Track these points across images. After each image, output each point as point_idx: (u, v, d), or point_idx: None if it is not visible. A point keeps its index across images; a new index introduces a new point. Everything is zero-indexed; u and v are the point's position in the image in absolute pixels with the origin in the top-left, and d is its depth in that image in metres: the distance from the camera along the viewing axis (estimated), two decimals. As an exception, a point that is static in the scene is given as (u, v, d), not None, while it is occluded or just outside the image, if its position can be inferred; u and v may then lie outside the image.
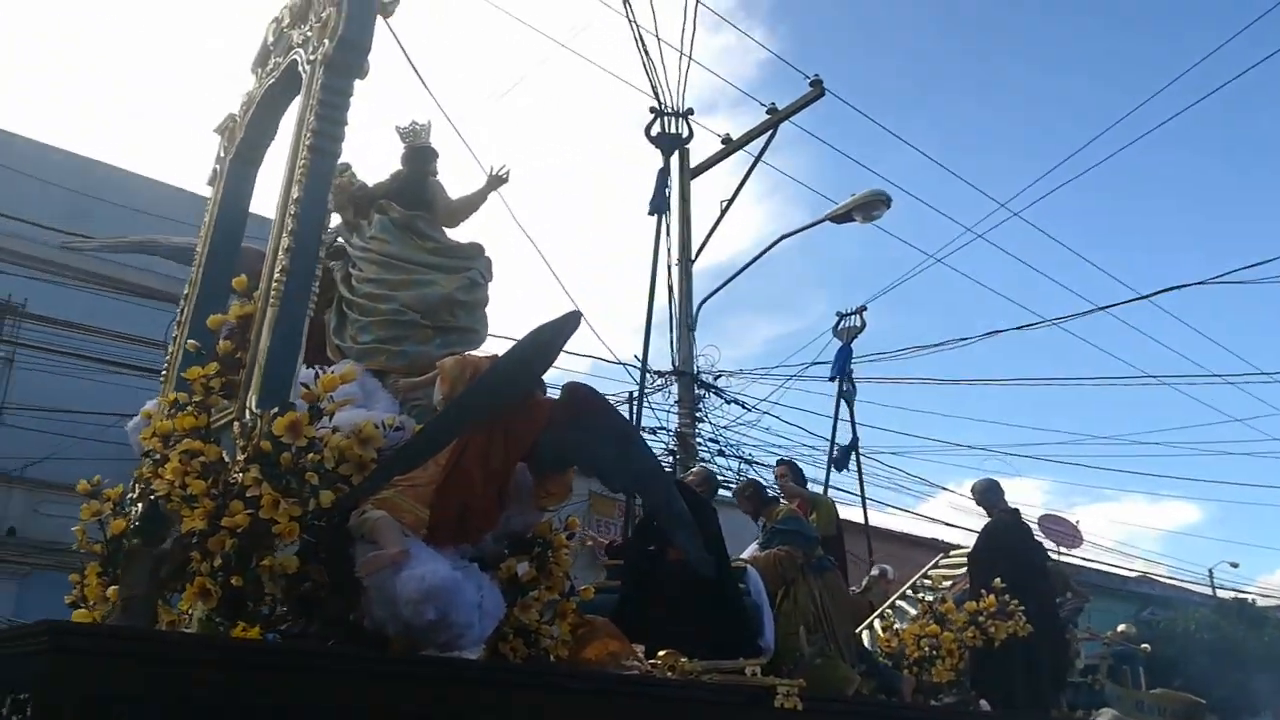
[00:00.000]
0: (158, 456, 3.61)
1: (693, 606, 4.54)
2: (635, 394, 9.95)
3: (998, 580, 6.23)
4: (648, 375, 10.29)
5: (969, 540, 9.72)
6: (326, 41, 4.06)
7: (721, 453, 10.91)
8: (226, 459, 3.49)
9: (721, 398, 11.02)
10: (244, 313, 3.83)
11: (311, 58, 4.15)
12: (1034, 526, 8.49)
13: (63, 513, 9.91)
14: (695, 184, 11.06)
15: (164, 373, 4.40)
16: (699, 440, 10.53)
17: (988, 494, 6.80)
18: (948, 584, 7.10)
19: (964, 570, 7.11)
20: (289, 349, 3.61)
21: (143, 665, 2.71)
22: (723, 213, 10.50)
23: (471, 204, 4.84)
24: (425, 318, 4.47)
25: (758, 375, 11.81)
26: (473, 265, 4.67)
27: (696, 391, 10.53)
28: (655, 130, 8.31)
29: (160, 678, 2.73)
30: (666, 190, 8.14)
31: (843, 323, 9.18)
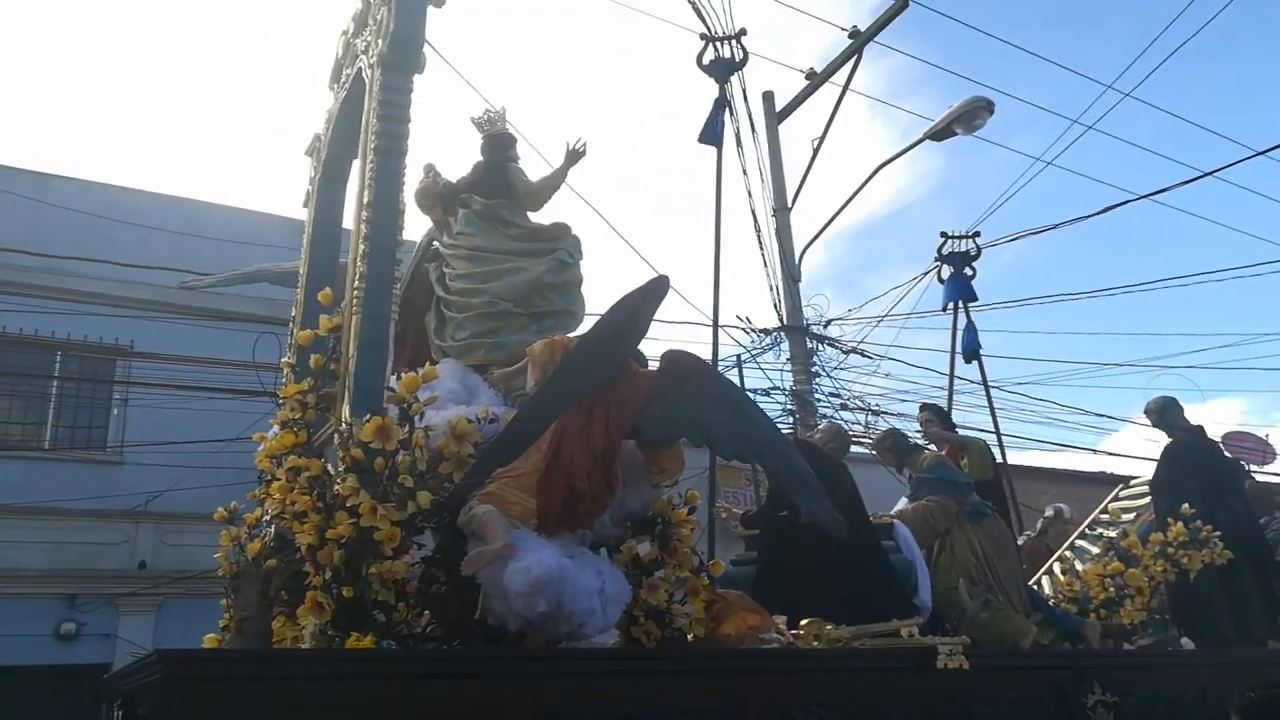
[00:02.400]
0: (269, 478, 3.68)
1: (835, 570, 4.27)
2: (741, 356, 9.55)
3: (1185, 506, 5.64)
4: (754, 335, 9.89)
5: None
6: (380, 41, 4.03)
7: (845, 406, 10.25)
8: (331, 471, 3.50)
9: (837, 349, 10.43)
10: (333, 325, 3.83)
11: (371, 61, 4.13)
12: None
13: (188, 541, 10.62)
14: (786, 128, 10.59)
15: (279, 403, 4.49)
16: (818, 396, 9.96)
17: (1165, 413, 6.16)
18: (1129, 517, 6.50)
19: (1146, 500, 6.49)
20: (376, 354, 3.58)
21: (255, 686, 2.70)
22: (815, 151, 9.95)
23: (552, 183, 4.72)
24: (518, 306, 4.39)
25: (872, 320, 10.96)
26: (559, 245, 4.55)
27: (809, 345, 9.96)
28: (708, 59, 7.84)
29: (276, 697, 2.72)
30: (723, 119, 7.65)
31: (949, 244, 8.37)
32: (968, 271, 8.47)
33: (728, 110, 8.34)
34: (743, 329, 10.17)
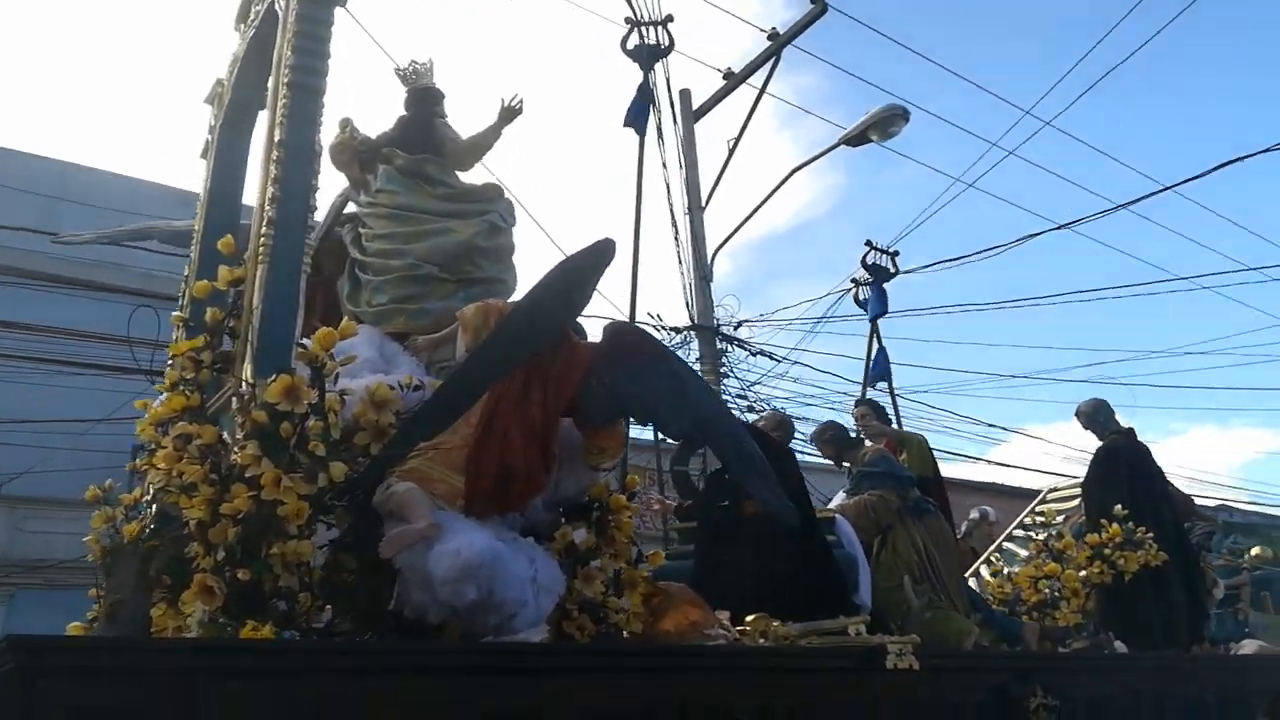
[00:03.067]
0: (152, 448, 3.21)
1: (777, 564, 4.00)
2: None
3: (1119, 507, 5.57)
4: (666, 332, 9.65)
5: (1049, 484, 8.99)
6: (297, -34, 3.61)
7: (751, 408, 10.02)
8: (228, 440, 3.06)
9: (746, 350, 10.27)
10: (235, 277, 3.39)
11: (287, -10, 3.70)
12: None
13: (47, 528, 9.76)
14: (701, 128, 10.41)
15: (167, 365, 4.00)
16: (725, 398, 9.73)
17: (1096, 415, 6.11)
18: (1059, 519, 6.44)
19: (1075, 503, 6.45)
20: (285, 310, 3.16)
21: (123, 680, 2.26)
22: (731, 152, 9.78)
23: (485, 142, 4.34)
24: (444, 270, 3.99)
25: (783, 324, 10.91)
26: (491, 208, 4.17)
27: (719, 345, 9.76)
28: (633, 44, 7.63)
29: (148, 693, 2.29)
30: (649, 107, 7.46)
31: (871, 257, 8.44)
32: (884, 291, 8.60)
33: (650, 100, 8.15)
34: (654, 326, 9.91)
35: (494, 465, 3.18)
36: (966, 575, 6.16)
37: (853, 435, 5.40)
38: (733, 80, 10.52)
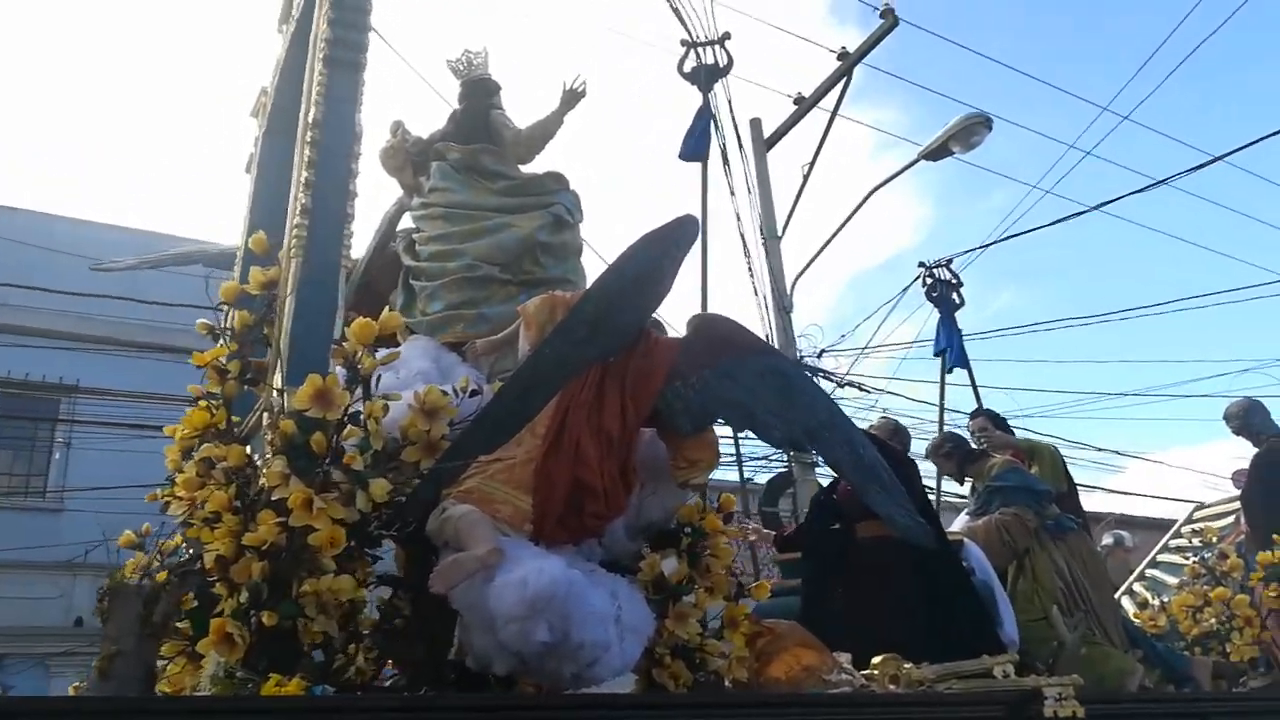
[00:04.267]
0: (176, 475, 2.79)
1: (905, 594, 3.41)
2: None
3: (1291, 521, 4.81)
4: None
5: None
6: (333, -56, 3.24)
7: None
8: (259, 465, 2.62)
9: (833, 381, 9.69)
10: (268, 278, 2.98)
11: (323, -30, 3.34)
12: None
13: None
14: (774, 156, 9.92)
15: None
16: None
17: (1249, 417, 5.32)
18: (1214, 540, 5.66)
19: (1229, 521, 5.67)
20: (320, 307, 2.74)
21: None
22: (805, 178, 9.32)
23: (546, 129, 3.90)
24: (504, 271, 3.55)
25: (863, 351, 10.27)
26: (555, 200, 3.72)
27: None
28: (689, 65, 7.28)
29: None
30: (708, 131, 7.08)
31: (932, 277, 7.98)
32: (955, 299, 8.23)
33: (712, 124, 7.77)
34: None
35: (565, 483, 2.68)
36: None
37: (976, 449, 4.76)
38: (804, 105, 10.10)
